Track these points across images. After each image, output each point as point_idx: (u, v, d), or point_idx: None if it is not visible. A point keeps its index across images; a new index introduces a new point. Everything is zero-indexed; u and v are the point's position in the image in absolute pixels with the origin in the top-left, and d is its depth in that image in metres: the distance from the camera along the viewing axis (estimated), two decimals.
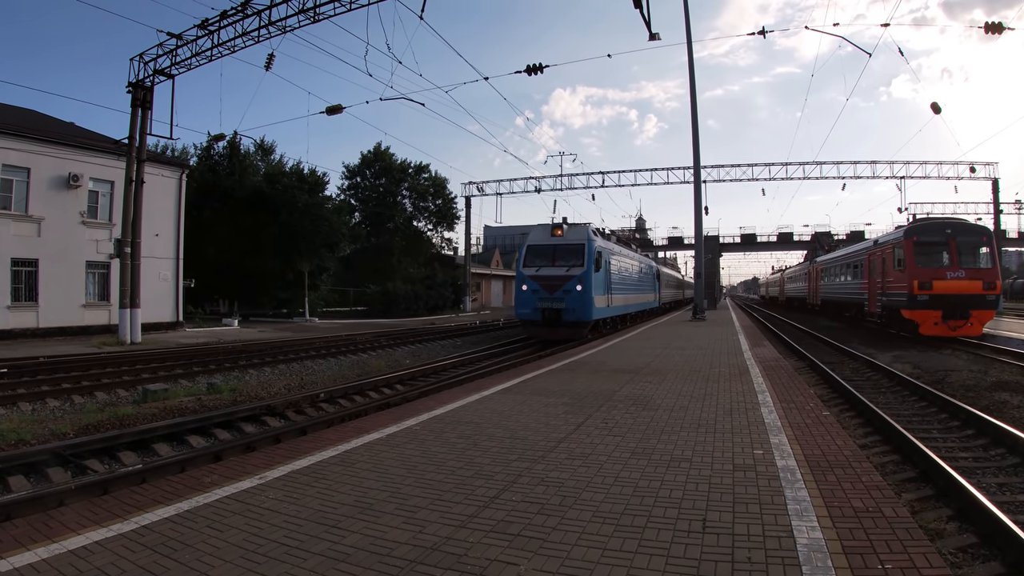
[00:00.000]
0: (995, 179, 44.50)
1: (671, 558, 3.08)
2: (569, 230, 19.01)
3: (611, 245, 21.52)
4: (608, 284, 19.93)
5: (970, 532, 4.31)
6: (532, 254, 19.02)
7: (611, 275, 20.36)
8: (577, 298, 17.58)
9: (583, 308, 17.71)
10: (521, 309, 18.82)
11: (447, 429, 6.14)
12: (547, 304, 17.83)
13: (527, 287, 18.36)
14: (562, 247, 18.56)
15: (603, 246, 19.57)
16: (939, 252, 18.19)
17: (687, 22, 23.48)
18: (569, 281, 17.69)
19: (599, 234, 20.55)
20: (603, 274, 19.20)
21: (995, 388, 9.92)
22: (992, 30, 18.76)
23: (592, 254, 18.11)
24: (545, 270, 18.33)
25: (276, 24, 19.07)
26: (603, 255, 19.15)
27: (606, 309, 19.85)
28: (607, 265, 19.80)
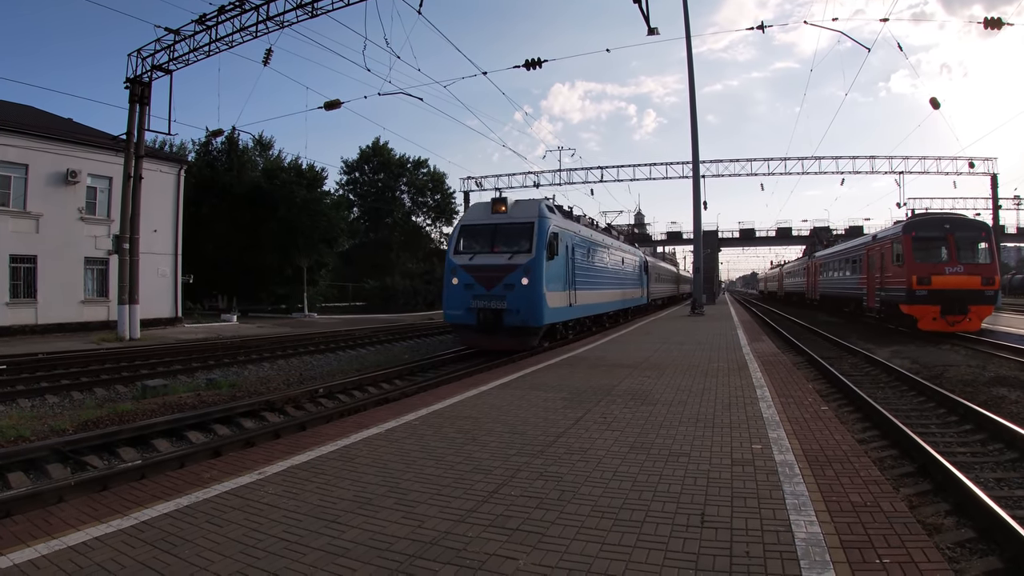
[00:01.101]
0: (994, 174, 44.49)
1: (669, 552, 3.08)
2: (515, 206, 14.87)
3: (576, 227, 17.33)
4: (570, 276, 15.72)
5: (968, 527, 4.31)
6: (467, 237, 14.99)
7: (575, 264, 16.15)
8: (523, 295, 13.42)
9: (531, 308, 13.48)
10: (451, 310, 14.42)
11: (446, 424, 6.15)
12: (483, 303, 13.72)
13: (458, 280, 14.21)
14: (505, 228, 14.44)
15: (562, 226, 15.34)
16: (938, 247, 18.19)
17: (686, 17, 23.44)
18: (512, 272, 13.61)
19: (558, 212, 16.37)
20: (562, 263, 15.05)
21: (993, 383, 9.94)
22: (991, 25, 18.73)
23: (545, 236, 13.93)
24: (482, 258, 14.25)
25: (274, 19, 19.02)
26: (562, 238, 14.98)
27: (567, 309, 15.60)
28: (569, 252, 15.74)
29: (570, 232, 16.01)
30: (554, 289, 14.34)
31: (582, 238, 17.43)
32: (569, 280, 15.63)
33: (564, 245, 15.17)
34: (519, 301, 13.46)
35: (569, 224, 16.52)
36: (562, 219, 15.99)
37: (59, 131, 24.57)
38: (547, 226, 14.13)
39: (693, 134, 23.70)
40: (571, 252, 15.86)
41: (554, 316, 14.54)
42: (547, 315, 13.92)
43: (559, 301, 14.79)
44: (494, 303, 13.66)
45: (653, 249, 62.04)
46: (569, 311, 15.86)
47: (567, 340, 16.32)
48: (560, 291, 14.89)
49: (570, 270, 15.70)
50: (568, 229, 15.91)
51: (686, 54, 23.91)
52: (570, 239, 15.82)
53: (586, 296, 17.36)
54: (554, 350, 13.86)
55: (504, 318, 13.53)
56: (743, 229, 63.95)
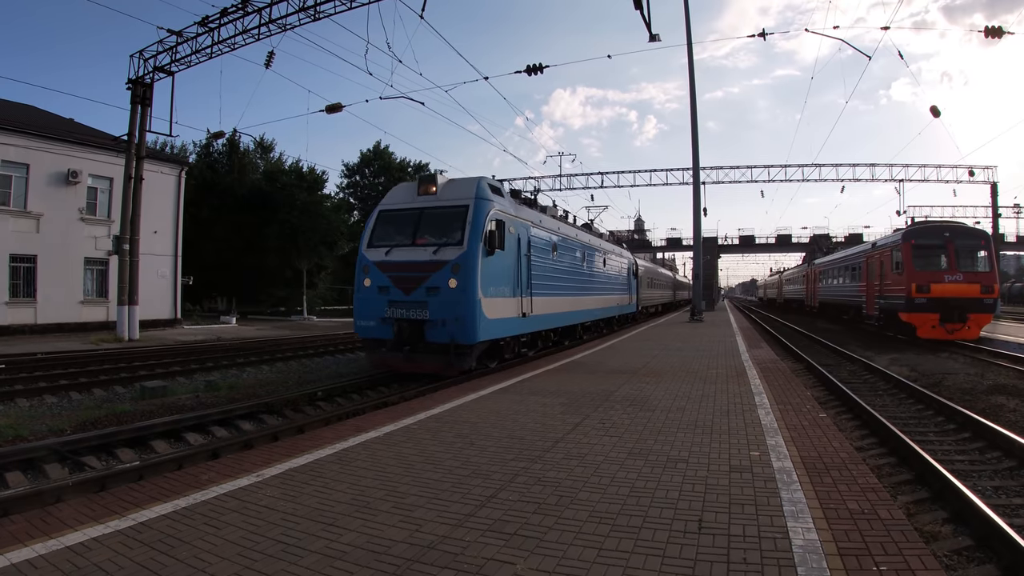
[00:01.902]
0: (994, 183, 44.66)
1: (667, 558, 3.09)
2: (447, 186, 11.81)
3: (535, 216, 14.04)
4: (522, 278, 12.43)
5: (965, 535, 4.31)
6: (384, 225, 11.76)
7: (532, 264, 12.99)
8: (450, 301, 10.34)
9: (460, 320, 10.32)
10: (361, 320, 11.28)
11: (444, 428, 6.15)
12: (401, 312, 10.69)
13: (371, 282, 11.11)
14: (432, 213, 11.36)
15: (511, 214, 12.11)
16: (937, 255, 18.23)
17: (687, 23, 23.55)
18: (437, 272, 10.47)
19: (509, 195, 13.08)
20: (511, 261, 11.90)
21: (992, 391, 9.94)
22: (992, 34, 18.80)
23: (482, 224, 10.72)
24: (401, 253, 11.06)
25: (276, 22, 19.09)
26: (511, 229, 11.82)
27: (517, 321, 12.23)
28: (523, 247, 12.56)
29: (525, 223, 12.90)
30: (497, 294, 11.12)
31: (545, 231, 14.34)
32: (522, 283, 12.34)
33: (515, 238, 12.10)
34: (445, 310, 10.31)
35: (525, 213, 13.29)
36: (513, 205, 12.74)
37: (60, 131, 24.62)
38: (485, 211, 10.92)
39: (694, 141, 23.76)
40: (526, 248, 12.70)
41: (496, 330, 11.25)
42: (483, 328, 10.61)
43: (505, 310, 11.53)
44: (414, 312, 10.56)
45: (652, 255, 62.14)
46: (522, 323, 12.49)
47: (525, 359, 13.17)
48: (506, 297, 11.63)
49: (523, 270, 12.46)
50: (523, 219, 12.79)
51: (687, 61, 24.01)
52: (525, 231, 12.78)
53: (549, 303, 14.22)
54: (552, 356, 13.81)
55: (426, 332, 10.45)
56: (743, 236, 64.11)
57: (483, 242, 10.62)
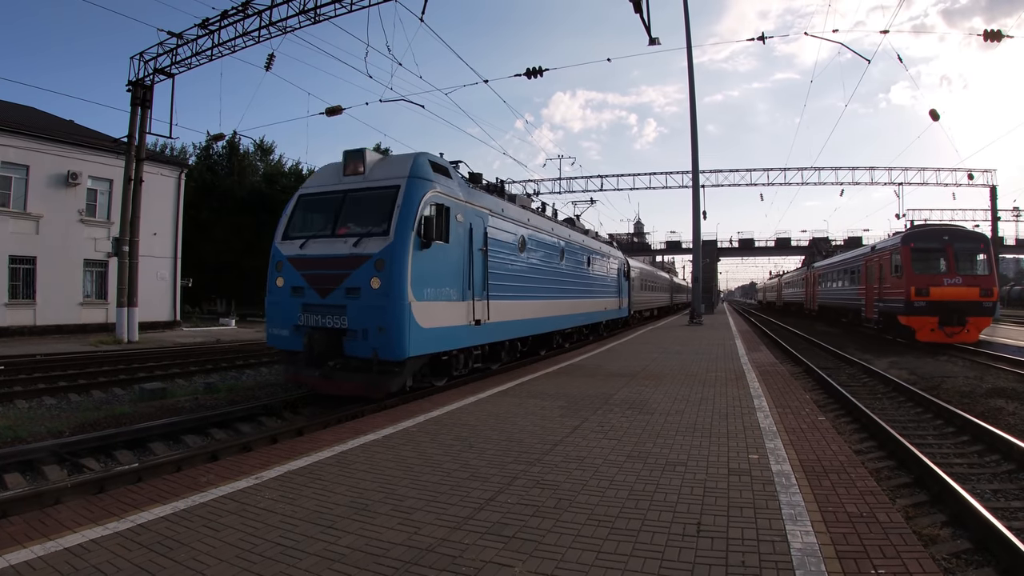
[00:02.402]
0: (993, 186, 44.74)
1: (665, 561, 3.09)
2: (379, 164, 9.66)
3: (494, 203, 11.66)
4: (476, 277, 10.27)
5: (964, 538, 4.32)
6: (304, 213, 9.92)
7: (486, 259, 10.75)
8: (371, 306, 8.37)
9: (387, 330, 8.27)
10: (273, 327, 9.42)
11: (443, 431, 6.15)
12: (316, 319, 8.81)
13: (284, 281, 9.29)
14: (357, 197, 9.34)
15: (455, 197, 9.81)
16: (936, 259, 18.25)
17: (687, 27, 23.59)
18: (358, 269, 8.52)
19: (458, 176, 10.65)
20: (456, 255, 9.71)
21: (991, 395, 9.94)
22: (991, 38, 18.85)
23: (414, 208, 8.64)
24: (318, 245, 9.16)
25: (277, 24, 19.11)
26: (455, 215, 9.65)
27: (468, 330, 10.08)
28: (476, 238, 10.37)
29: (481, 211, 10.72)
30: (436, 297, 9.00)
31: (510, 223, 12.20)
32: (474, 284, 10.16)
33: (465, 228, 9.97)
34: (366, 316, 8.32)
35: (482, 199, 11.05)
36: (465, 188, 10.53)
37: (60, 133, 24.64)
38: (421, 193, 8.78)
39: (693, 144, 23.80)
40: (481, 240, 10.57)
41: (436, 341, 9.09)
42: (416, 340, 8.49)
43: (449, 317, 9.39)
44: (330, 319, 8.65)
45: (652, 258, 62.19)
46: (474, 332, 10.28)
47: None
48: (450, 300, 9.44)
49: (476, 268, 10.30)
50: (477, 206, 10.62)
51: (687, 64, 24.05)
52: (481, 221, 10.62)
53: (514, 309, 12.06)
54: (551, 359, 13.79)
55: (345, 344, 8.49)
56: (742, 239, 64.23)
57: (417, 231, 8.57)
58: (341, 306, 8.61)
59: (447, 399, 8.05)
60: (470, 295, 10.06)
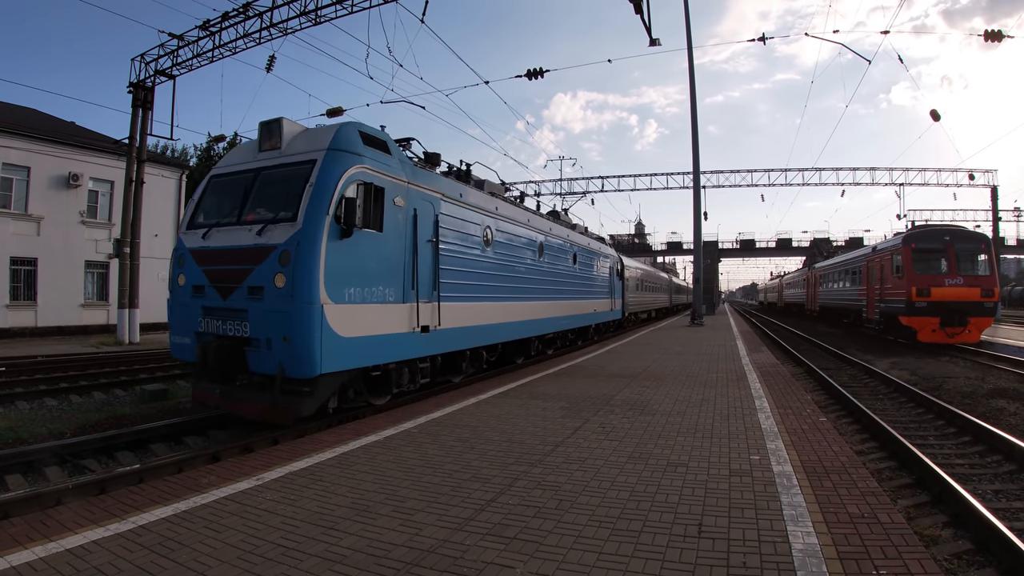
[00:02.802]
0: (994, 186, 44.70)
1: (666, 562, 3.09)
2: (299, 137, 7.98)
3: (447, 185, 9.79)
4: (422, 274, 8.59)
5: (965, 538, 4.32)
6: (213, 198, 8.29)
7: (437, 252, 9.02)
8: (276, 309, 6.80)
9: (293, 339, 6.70)
10: (175, 335, 7.90)
11: (444, 432, 6.15)
12: (216, 325, 7.30)
13: (185, 279, 7.74)
14: (270, 176, 7.75)
15: (392, 176, 8.14)
16: (937, 259, 18.24)
17: (688, 28, 23.60)
18: (262, 263, 6.97)
19: (391, 150, 8.54)
20: (393, 246, 8.05)
21: (992, 395, 9.93)
22: (992, 38, 18.84)
23: (332, 187, 7.09)
24: (220, 235, 7.60)
25: (277, 26, 19.12)
26: (393, 198, 8.05)
27: (408, 339, 8.36)
28: (423, 227, 8.66)
29: (431, 195, 8.95)
30: (363, 298, 7.36)
31: (470, 210, 10.38)
32: (420, 282, 8.45)
33: (407, 215, 8.29)
34: (269, 322, 6.75)
35: (431, 180, 9.15)
36: (408, 167, 8.63)
37: (61, 134, 24.68)
38: (342, 168, 7.19)
39: (694, 145, 23.79)
40: (431, 230, 8.84)
41: (364, 353, 7.46)
42: (332, 353, 6.85)
43: (382, 322, 7.70)
44: (231, 325, 7.10)
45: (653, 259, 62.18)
46: (420, 341, 8.59)
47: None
48: (385, 302, 7.78)
49: (423, 264, 8.59)
50: (425, 188, 8.81)
51: (688, 65, 24.03)
52: (430, 207, 8.89)
53: (476, 312, 10.37)
54: (552, 360, 13.78)
55: (248, 357, 6.93)
56: (743, 240, 64.18)
57: (334, 216, 6.91)
58: (242, 310, 6.98)
59: (448, 400, 8.05)
60: (413, 296, 8.39)
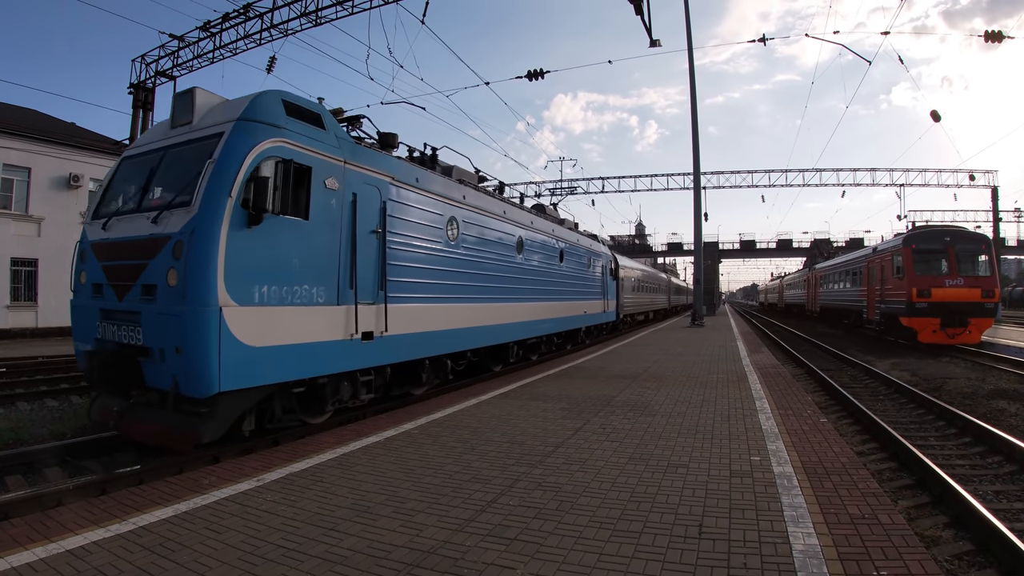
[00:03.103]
0: (994, 187, 44.68)
1: (667, 563, 3.09)
2: (214, 109, 6.62)
3: (400, 168, 8.48)
4: (362, 269, 7.34)
5: (966, 539, 4.32)
6: (121, 184, 7.19)
7: (384, 245, 7.74)
8: (167, 313, 5.58)
9: (186, 349, 5.43)
10: (78, 340, 7.01)
11: (445, 433, 6.15)
12: (112, 331, 6.17)
13: (86, 277, 6.87)
14: (175, 155, 6.55)
15: (321, 153, 6.82)
16: (938, 260, 18.24)
17: (688, 29, 23.60)
18: (156, 257, 5.75)
19: (325, 123, 7.14)
20: (324, 237, 6.77)
21: (993, 396, 9.93)
22: (992, 39, 18.87)
23: (238, 163, 5.80)
24: (120, 225, 6.55)
25: (278, 27, 19.17)
26: (324, 179, 6.80)
27: (343, 348, 7.04)
28: (366, 215, 7.46)
29: (374, 176, 7.62)
30: (281, 298, 6.11)
31: (429, 198, 8.93)
32: (360, 281, 7.19)
33: (342, 199, 7.02)
34: (162, 328, 5.62)
35: (372, 160, 7.71)
36: (345, 143, 7.31)
37: (62, 135, 24.68)
38: (252, 142, 5.99)
39: (694, 146, 23.79)
40: (373, 219, 7.52)
41: (284, 366, 6.21)
42: (237, 366, 5.64)
43: (309, 328, 6.47)
44: (125, 331, 6.02)
45: (653, 260, 62.18)
46: (360, 350, 7.27)
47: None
48: (313, 304, 6.52)
49: (363, 258, 7.29)
50: (367, 169, 7.49)
51: (688, 66, 24.02)
52: (372, 191, 7.55)
53: (432, 315, 8.96)
54: (553, 361, 13.77)
55: (145, 369, 5.80)
56: (744, 241, 64.14)
57: (238, 198, 5.69)
58: (136, 312, 5.88)
59: (448, 401, 8.05)
60: (351, 297, 7.05)
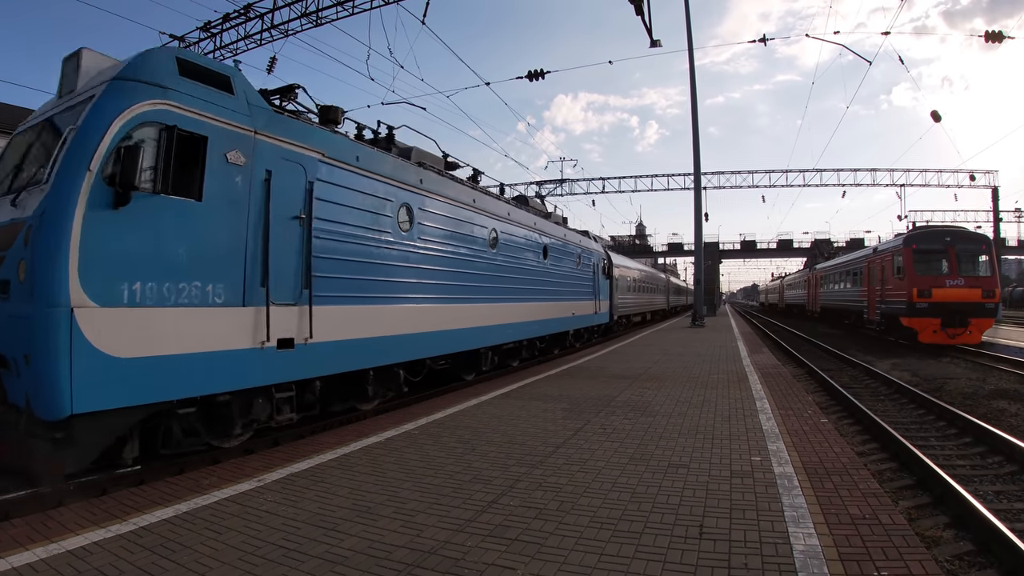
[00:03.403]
0: (995, 187, 44.66)
1: (668, 564, 3.08)
2: (99, 75, 5.33)
3: (326, 139, 6.93)
4: (277, 262, 5.99)
5: (967, 540, 4.31)
6: (4, 160, 5.97)
7: (307, 233, 6.39)
8: (17, 315, 4.53)
9: (34, 360, 4.31)
10: None
11: (445, 433, 6.15)
12: None
13: None
14: (47, 127, 5.55)
15: (219, 117, 5.52)
16: (938, 260, 18.22)
17: (688, 29, 23.61)
18: (11, 247, 4.65)
19: (235, 86, 5.87)
20: (226, 220, 5.51)
21: (993, 396, 9.92)
22: (992, 39, 18.87)
23: (102, 131, 4.67)
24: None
25: (278, 27, 19.18)
26: (223, 150, 5.53)
27: (252, 360, 5.69)
28: (280, 195, 6.10)
29: (297, 151, 6.45)
30: (163, 298, 4.97)
31: (366, 178, 7.54)
32: (271, 274, 5.94)
33: (250, 176, 5.87)
34: (14, 334, 4.62)
35: (295, 132, 6.51)
36: (258, 110, 6.12)
37: None
38: (122, 104, 4.91)
39: (695, 146, 23.79)
40: (295, 202, 6.38)
41: (168, 382, 5.03)
42: (99, 382, 4.48)
43: (205, 335, 5.31)
44: None
45: (654, 260, 62.18)
46: (274, 361, 6.04)
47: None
48: (210, 305, 5.37)
49: (280, 249, 6.10)
50: (287, 142, 6.34)
51: (688, 66, 24.02)
52: (294, 169, 6.41)
53: (378, 319, 7.65)
54: (554, 361, 13.77)
55: (5, 381, 4.86)
56: (744, 241, 64.14)
57: (100, 173, 4.68)
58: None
59: (449, 401, 8.05)
60: (262, 296, 5.80)
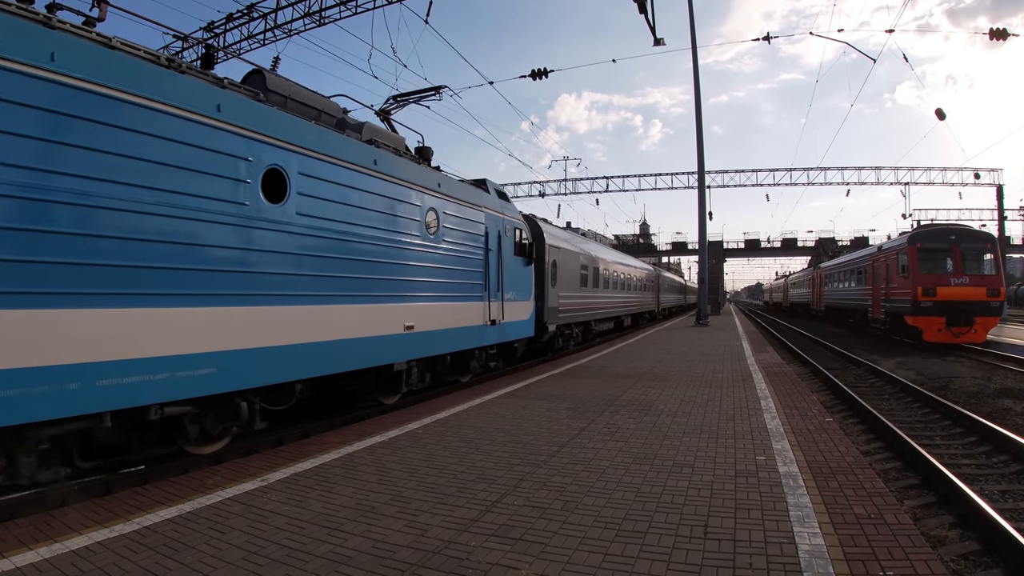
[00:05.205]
0: (999, 185, 44.43)
1: (672, 563, 3.07)
2: None
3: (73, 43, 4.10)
4: None
5: (972, 539, 4.29)
6: None
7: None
8: None
9: None
10: None
11: (449, 433, 6.15)
12: None
13: None
14: None
15: None
16: (943, 259, 18.16)
17: (692, 28, 23.52)
18: None
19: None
20: None
21: (998, 395, 9.88)
22: (997, 37, 18.78)
23: None
24: None
25: (282, 27, 19.21)
26: None
27: None
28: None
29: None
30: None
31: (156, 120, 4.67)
32: None
33: None
34: None
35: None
36: None
37: None
38: None
39: (699, 145, 23.75)
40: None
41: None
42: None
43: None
44: None
45: (658, 259, 62.07)
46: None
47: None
48: None
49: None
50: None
51: (692, 65, 23.95)
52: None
53: (141, 324, 4.61)
54: (557, 360, 13.75)
55: None
56: (748, 240, 63.96)
57: None
58: None
59: (453, 401, 8.05)
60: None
